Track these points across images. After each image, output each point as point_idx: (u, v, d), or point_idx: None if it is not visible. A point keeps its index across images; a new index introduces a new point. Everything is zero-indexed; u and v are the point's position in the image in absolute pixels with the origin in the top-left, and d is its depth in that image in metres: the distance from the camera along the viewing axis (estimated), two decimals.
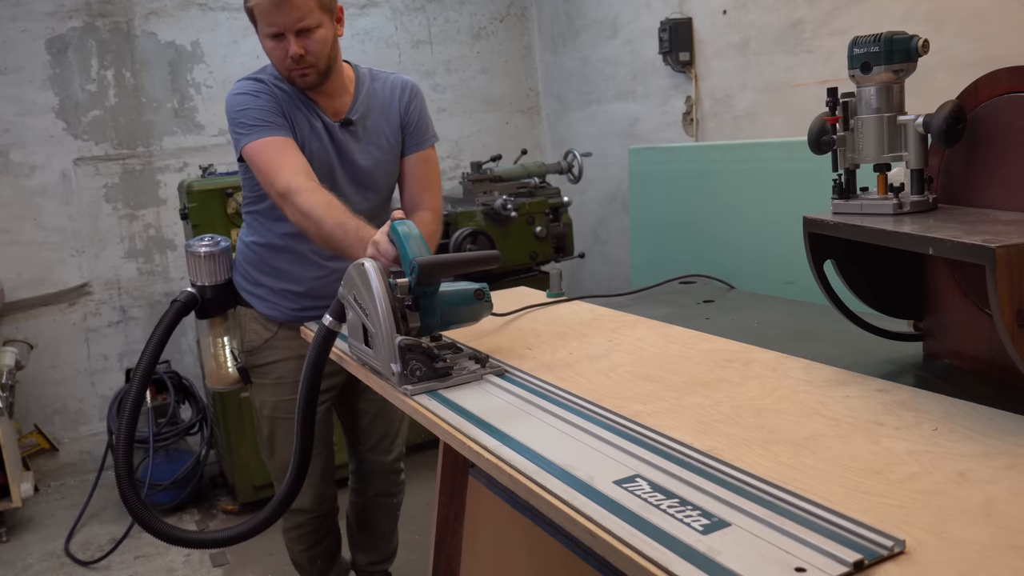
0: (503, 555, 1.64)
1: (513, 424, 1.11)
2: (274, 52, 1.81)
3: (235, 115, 1.83)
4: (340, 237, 1.62)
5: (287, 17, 1.74)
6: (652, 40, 3.62)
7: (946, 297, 1.27)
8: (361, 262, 1.33)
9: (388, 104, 1.99)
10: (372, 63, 2.12)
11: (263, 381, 2.05)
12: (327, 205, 1.66)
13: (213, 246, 2.00)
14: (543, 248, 3.51)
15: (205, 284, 1.99)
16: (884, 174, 1.26)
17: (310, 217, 1.66)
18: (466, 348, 1.46)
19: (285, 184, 1.71)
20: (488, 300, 1.44)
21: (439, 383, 1.30)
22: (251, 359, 2.04)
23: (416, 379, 1.28)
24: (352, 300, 1.37)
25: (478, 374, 1.34)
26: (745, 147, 2.73)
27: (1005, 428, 0.98)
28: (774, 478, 0.88)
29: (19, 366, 3.40)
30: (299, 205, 1.68)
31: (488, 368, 1.36)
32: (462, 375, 1.33)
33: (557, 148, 4.58)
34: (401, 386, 1.29)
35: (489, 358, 1.39)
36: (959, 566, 0.70)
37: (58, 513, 3.45)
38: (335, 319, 1.41)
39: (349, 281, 1.37)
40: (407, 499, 2.45)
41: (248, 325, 2.03)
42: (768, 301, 1.89)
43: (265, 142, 1.78)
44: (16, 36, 3.60)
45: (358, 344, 1.42)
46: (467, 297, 1.41)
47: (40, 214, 3.70)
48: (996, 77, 1.16)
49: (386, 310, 1.28)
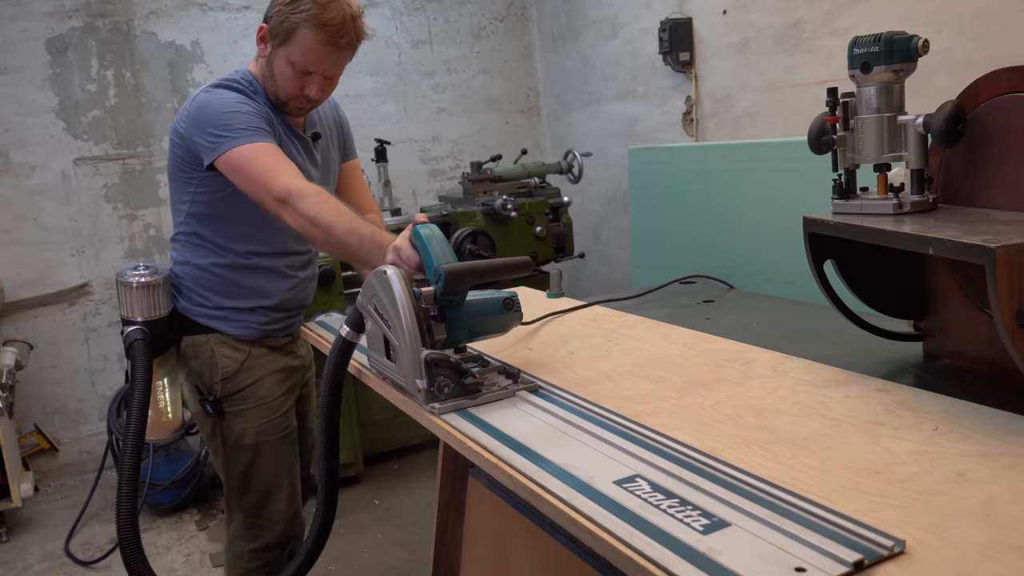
0: (503, 555, 1.64)
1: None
2: (291, 81, 1.71)
3: (218, 117, 1.67)
4: (354, 244, 1.51)
5: (332, 66, 1.71)
6: (652, 40, 3.62)
7: (946, 297, 1.27)
8: (383, 270, 1.25)
9: (330, 116, 1.98)
10: (372, 63, 2.12)
11: (243, 407, 1.85)
12: (336, 210, 1.55)
13: (151, 275, 1.77)
14: (543, 248, 3.51)
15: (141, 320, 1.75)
16: (884, 174, 1.26)
17: (318, 223, 1.53)
18: (494, 360, 1.37)
19: (285, 187, 1.57)
20: (518, 309, 1.36)
21: (468, 400, 1.20)
22: (228, 387, 1.84)
23: (444, 396, 1.19)
24: (372, 310, 1.29)
25: (510, 390, 1.24)
26: (745, 147, 2.73)
27: (1005, 428, 0.98)
28: (774, 478, 0.88)
29: (19, 366, 3.40)
30: (304, 210, 1.54)
31: (521, 383, 1.26)
32: (493, 391, 1.23)
33: (557, 148, 4.58)
34: (428, 404, 1.19)
35: (521, 372, 1.29)
36: (959, 566, 0.70)
37: (58, 513, 3.45)
38: (353, 329, 1.34)
39: (369, 290, 1.28)
40: (407, 499, 2.45)
41: (217, 351, 1.84)
42: (768, 301, 1.89)
43: (257, 147, 1.64)
44: (16, 36, 3.60)
45: (378, 357, 1.33)
46: (496, 307, 1.33)
47: (40, 214, 3.70)
48: (996, 77, 1.16)
49: (411, 322, 1.19)
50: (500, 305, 1.33)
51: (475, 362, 1.27)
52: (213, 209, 1.80)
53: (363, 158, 2.21)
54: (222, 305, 1.84)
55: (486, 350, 1.46)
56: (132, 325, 1.76)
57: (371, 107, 4.28)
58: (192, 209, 1.82)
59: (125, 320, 1.78)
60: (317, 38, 1.66)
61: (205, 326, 1.85)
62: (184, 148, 1.75)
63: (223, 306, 1.84)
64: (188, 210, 1.83)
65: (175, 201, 1.87)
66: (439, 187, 4.48)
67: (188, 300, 1.85)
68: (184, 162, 1.78)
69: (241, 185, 1.66)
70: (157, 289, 1.77)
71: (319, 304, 3.05)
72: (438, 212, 3.52)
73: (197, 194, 1.80)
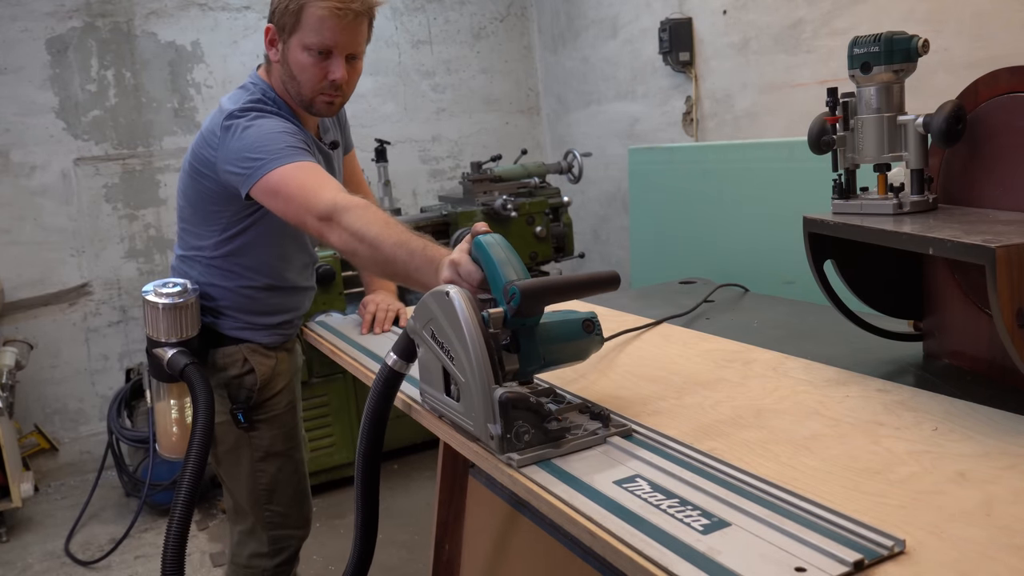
0: (503, 555, 1.64)
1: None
2: (311, 69, 1.61)
3: (253, 143, 1.55)
4: (403, 259, 1.35)
5: (349, 37, 1.60)
6: (652, 40, 3.62)
7: (946, 297, 1.27)
8: (444, 290, 1.05)
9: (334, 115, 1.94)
10: (372, 63, 2.12)
11: (273, 413, 1.83)
12: (384, 223, 1.40)
13: (180, 296, 1.66)
14: (543, 248, 3.51)
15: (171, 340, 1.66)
16: (884, 174, 1.26)
17: (364, 238, 1.39)
18: (574, 398, 1.18)
19: (330, 202, 1.44)
20: (599, 332, 1.15)
21: (552, 450, 1.00)
22: (263, 394, 1.81)
23: (524, 444, 0.99)
24: (428, 337, 1.10)
25: (600, 436, 1.04)
26: (745, 147, 2.73)
27: (1005, 428, 0.98)
28: (774, 478, 0.88)
29: (19, 366, 3.40)
30: (349, 223, 1.41)
31: (612, 428, 1.06)
32: (579, 437, 1.03)
33: (557, 148, 4.58)
34: (504, 454, 1.00)
35: (611, 414, 1.09)
36: (959, 566, 0.70)
37: (58, 513, 3.45)
38: (401, 359, 1.16)
39: (425, 313, 1.10)
40: (407, 499, 2.45)
41: (251, 359, 1.79)
42: (768, 301, 1.89)
43: (297, 166, 1.52)
44: (16, 36, 3.59)
45: (435, 393, 1.15)
46: (575, 330, 1.13)
47: (40, 214, 3.70)
48: (996, 77, 1.16)
49: (481, 354, 1.00)
50: (579, 328, 1.13)
51: (548, 396, 1.12)
52: (250, 237, 1.72)
53: (363, 158, 2.21)
54: (254, 322, 1.80)
55: None
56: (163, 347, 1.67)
57: (371, 107, 4.28)
58: (224, 237, 1.73)
59: (152, 341, 1.69)
60: (327, 7, 1.56)
61: (235, 337, 1.79)
62: (213, 179, 1.64)
63: (252, 322, 1.80)
64: (219, 238, 1.73)
65: (197, 226, 1.76)
66: (439, 187, 4.48)
67: (216, 316, 1.79)
68: (214, 193, 1.67)
69: (279, 209, 1.54)
70: (187, 310, 1.68)
71: (319, 304, 3.04)
72: (438, 212, 3.52)
73: (231, 224, 1.71)
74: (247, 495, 1.85)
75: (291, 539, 1.90)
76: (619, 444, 1.04)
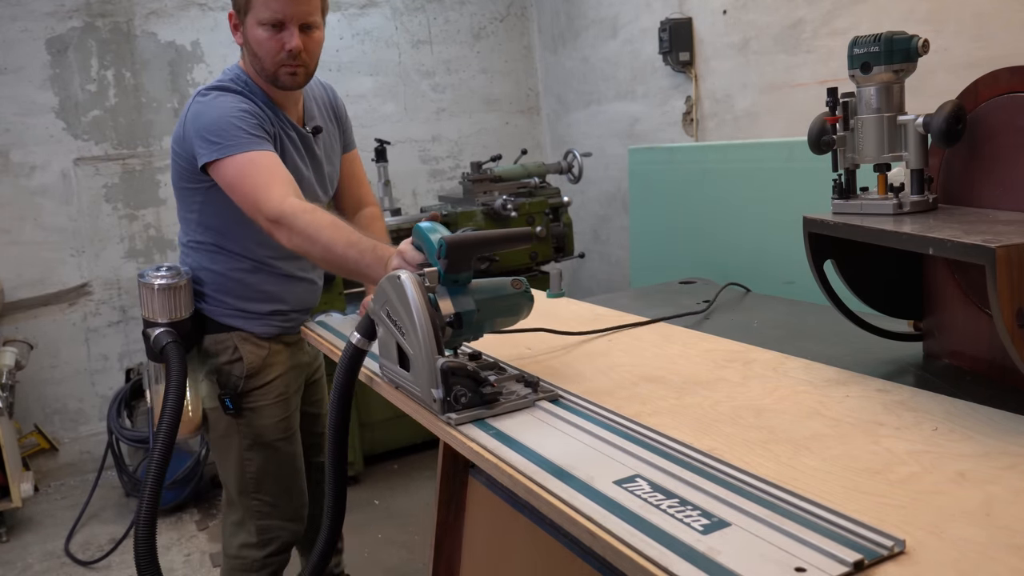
0: (503, 555, 1.64)
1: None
2: (267, 43, 1.69)
3: (212, 122, 1.66)
4: (355, 258, 1.47)
5: (298, 7, 1.66)
6: (652, 40, 3.62)
7: (946, 297, 1.27)
8: (396, 274, 1.20)
9: (328, 106, 1.98)
10: (372, 63, 2.13)
11: (263, 402, 1.87)
12: (333, 226, 1.51)
13: (173, 277, 1.76)
14: (543, 248, 3.51)
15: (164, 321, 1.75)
16: (884, 174, 1.26)
17: (316, 241, 1.50)
18: (511, 368, 1.32)
19: (277, 209, 1.55)
20: (527, 290, 1.30)
21: (486, 410, 1.15)
22: (251, 382, 1.86)
23: (461, 406, 1.15)
24: (385, 316, 1.25)
25: (529, 400, 1.19)
26: (745, 147, 2.73)
27: (1005, 428, 0.98)
28: (774, 478, 0.88)
29: (19, 366, 3.40)
30: (300, 228, 1.52)
31: (540, 393, 1.21)
32: (511, 400, 1.18)
33: (557, 148, 4.58)
34: (444, 414, 1.15)
35: (540, 381, 1.24)
36: (959, 566, 0.70)
37: (58, 513, 3.45)
38: (364, 337, 1.29)
39: (382, 295, 1.24)
40: (407, 499, 2.45)
41: (241, 347, 1.85)
42: (768, 301, 1.89)
43: (248, 158, 1.62)
44: (16, 36, 3.60)
45: (391, 365, 1.28)
46: (503, 286, 1.28)
47: (40, 214, 3.70)
48: (996, 77, 1.16)
49: (426, 328, 1.14)
50: (507, 285, 1.28)
51: (492, 370, 1.23)
52: (223, 216, 1.77)
53: (363, 158, 2.21)
54: (242, 308, 1.86)
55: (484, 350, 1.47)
56: (155, 327, 1.75)
57: (371, 107, 4.28)
58: (203, 219, 1.82)
59: (148, 322, 1.77)
60: None
61: (227, 325, 1.85)
62: (185, 158, 1.74)
63: (243, 308, 1.86)
64: (198, 220, 1.82)
65: (183, 211, 1.86)
66: (439, 187, 4.48)
67: (208, 302, 1.86)
68: (187, 172, 1.77)
69: (237, 201, 1.65)
70: (179, 291, 1.76)
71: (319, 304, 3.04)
72: (438, 212, 3.52)
73: (206, 203, 1.79)
74: (235, 482, 1.89)
75: (281, 531, 1.92)
76: (547, 408, 1.17)
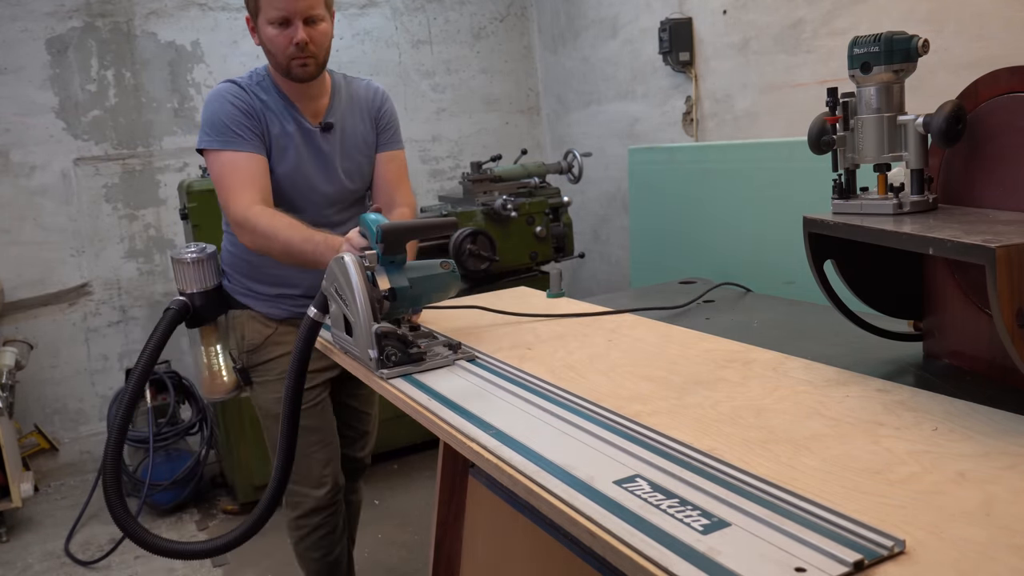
0: (503, 555, 1.64)
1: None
2: (276, 39, 1.82)
3: (206, 116, 1.87)
4: (311, 251, 1.69)
5: (299, 3, 1.79)
6: (652, 40, 3.62)
7: (946, 297, 1.27)
8: (341, 256, 1.40)
9: (364, 107, 2.03)
10: (372, 63, 2.15)
11: (266, 378, 2.04)
12: (290, 225, 1.73)
13: (199, 252, 2.00)
14: (543, 248, 3.51)
15: (194, 291, 1.98)
16: (884, 174, 1.26)
17: (275, 239, 1.73)
18: (441, 336, 1.54)
19: (241, 215, 1.77)
20: (455, 272, 1.53)
21: (413, 367, 1.39)
22: (253, 358, 2.04)
23: (391, 364, 1.37)
24: (334, 292, 1.45)
25: (450, 359, 1.43)
26: (745, 147, 2.73)
27: (1005, 428, 0.98)
28: (774, 478, 0.88)
29: (19, 366, 3.40)
30: (262, 230, 1.74)
31: (460, 354, 1.45)
32: (435, 360, 1.42)
33: (557, 148, 4.58)
34: (377, 370, 1.38)
35: (461, 345, 1.48)
36: (959, 566, 0.70)
37: (58, 513, 3.45)
38: (319, 311, 1.49)
39: (331, 275, 1.45)
40: (407, 499, 2.45)
41: (247, 324, 2.03)
42: (768, 301, 1.89)
43: (229, 158, 1.82)
44: (16, 36, 3.60)
45: (340, 334, 1.50)
46: (432, 266, 1.51)
47: (40, 214, 3.70)
48: (996, 77, 1.16)
49: (364, 300, 1.37)
50: (436, 266, 1.51)
51: (425, 337, 1.48)
52: None
53: None
54: (250, 288, 2.02)
55: (487, 350, 1.47)
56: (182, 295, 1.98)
57: None
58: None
59: (181, 293, 1.99)
60: None
61: (240, 302, 2.03)
62: None
63: (252, 288, 2.02)
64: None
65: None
66: (439, 187, 4.48)
67: (229, 280, 2.05)
68: None
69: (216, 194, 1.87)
70: (204, 264, 1.99)
71: None
72: (438, 212, 3.52)
73: None
74: (269, 445, 2.10)
75: (304, 497, 2.05)
76: (465, 366, 1.41)
